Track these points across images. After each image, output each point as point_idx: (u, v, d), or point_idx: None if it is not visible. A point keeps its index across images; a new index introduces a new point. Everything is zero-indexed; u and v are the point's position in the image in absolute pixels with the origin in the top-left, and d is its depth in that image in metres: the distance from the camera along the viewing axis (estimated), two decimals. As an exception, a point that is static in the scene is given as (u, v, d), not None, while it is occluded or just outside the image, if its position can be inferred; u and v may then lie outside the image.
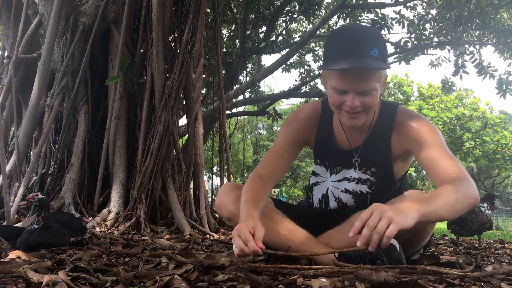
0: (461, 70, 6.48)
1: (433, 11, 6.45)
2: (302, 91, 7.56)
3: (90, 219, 2.87)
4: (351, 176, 1.61)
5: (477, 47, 6.48)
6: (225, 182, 4.76)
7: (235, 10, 6.59)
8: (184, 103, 3.86)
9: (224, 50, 6.78)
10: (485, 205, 2.41)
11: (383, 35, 6.01)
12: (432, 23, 6.38)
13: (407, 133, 1.49)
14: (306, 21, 7.54)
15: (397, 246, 1.34)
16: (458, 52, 6.59)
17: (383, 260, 1.30)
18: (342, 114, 1.44)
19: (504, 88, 6.53)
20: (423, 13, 6.60)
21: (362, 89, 1.36)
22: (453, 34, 6.24)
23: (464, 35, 6.38)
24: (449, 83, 7.50)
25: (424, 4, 6.54)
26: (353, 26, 2.19)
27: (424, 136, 1.45)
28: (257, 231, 1.27)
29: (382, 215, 1.13)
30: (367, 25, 5.01)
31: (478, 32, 6.41)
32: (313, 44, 8.24)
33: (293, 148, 1.64)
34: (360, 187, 1.60)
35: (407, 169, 1.70)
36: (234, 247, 1.27)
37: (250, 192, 1.47)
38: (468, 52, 6.56)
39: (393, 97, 13.88)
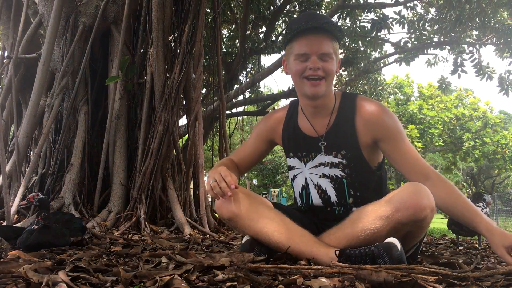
0: (459, 69, 6.48)
1: (433, 10, 6.44)
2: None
3: (90, 219, 2.87)
4: (325, 161, 1.65)
5: (477, 46, 6.48)
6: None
7: (235, 10, 6.58)
8: (184, 103, 3.86)
9: (224, 50, 6.79)
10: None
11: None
12: (432, 23, 6.38)
13: (372, 121, 1.59)
14: (306, 21, 7.53)
15: (398, 246, 1.34)
16: (456, 51, 6.58)
17: (384, 259, 1.30)
18: (305, 84, 1.57)
19: (506, 87, 6.53)
20: (423, 13, 6.60)
21: (321, 51, 1.52)
22: (452, 34, 6.23)
23: (463, 35, 6.37)
24: (446, 83, 7.50)
25: (423, 3, 6.54)
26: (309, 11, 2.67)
27: (393, 128, 1.58)
28: (232, 175, 1.50)
29: None
30: None
31: (477, 32, 6.41)
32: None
33: (258, 143, 1.84)
34: (334, 171, 1.63)
35: (381, 159, 1.72)
36: (211, 181, 1.49)
37: (222, 161, 1.82)
38: (467, 51, 6.56)
39: (392, 97, 13.87)
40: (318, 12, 1.61)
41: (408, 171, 1.58)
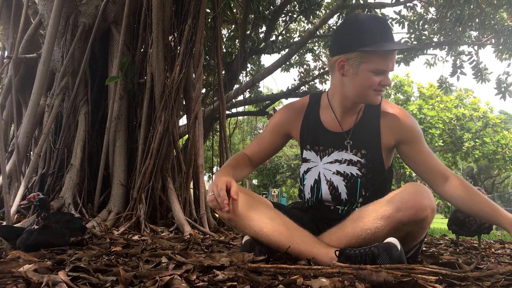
0: (458, 70, 6.47)
1: (432, 10, 6.44)
2: (301, 91, 7.56)
3: (90, 219, 2.87)
4: (342, 158, 1.65)
5: (476, 48, 6.47)
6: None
7: (235, 10, 6.59)
8: (184, 103, 3.86)
9: (224, 50, 6.78)
10: None
11: None
12: (432, 23, 6.37)
13: (397, 123, 1.62)
14: (306, 21, 7.54)
15: (398, 246, 1.34)
16: (456, 52, 6.57)
17: (384, 259, 1.30)
18: (370, 94, 1.56)
19: (503, 89, 6.51)
20: (423, 13, 6.59)
21: (393, 68, 1.55)
22: (452, 34, 6.23)
23: (463, 36, 6.37)
24: (447, 83, 7.49)
25: (423, 3, 6.53)
26: (371, 14, 2.66)
27: (414, 131, 1.63)
28: (233, 185, 1.48)
29: None
30: None
31: (477, 32, 6.40)
32: (312, 45, 8.24)
33: (274, 136, 1.80)
34: (351, 169, 1.63)
35: (391, 162, 1.74)
36: (210, 194, 1.49)
37: (231, 160, 1.74)
38: (466, 52, 6.56)
39: (392, 96, 13.88)
40: (384, 19, 1.59)
41: (428, 172, 1.62)
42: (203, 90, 6.37)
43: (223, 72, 5.52)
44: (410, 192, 1.39)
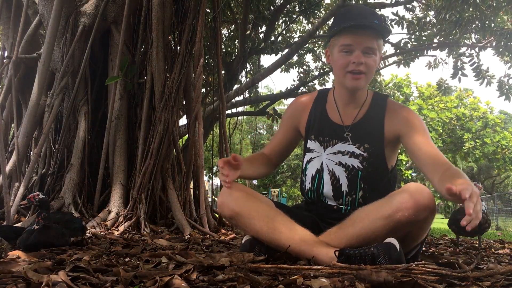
0: (459, 72, 6.46)
1: (431, 13, 6.43)
2: (301, 91, 7.56)
3: (90, 219, 2.87)
4: (345, 150, 1.69)
5: (476, 49, 6.46)
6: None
7: (235, 10, 6.58)
8: (184, 103, 3.86)
9: (224, 50, 6.78)
10: None
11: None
12: (431, 25, 6.37)
13: (399, 119, 1.65)
14: (306, 21, 7.54)
15: (397, 246, 1.34)
16: (456, 54, 6.56)
17: (383, 259, 1.30)
18: (346, 78, 1.62)
19: (505, 91, 6.50)
20: (421, 15, 6.59)
21: (367, 45, 1.57)
22: (451, 37, 6.23)
23: (463, 38, 6.36)
24: (445, 85, 7.48)
25: (422, 6, 6.53)
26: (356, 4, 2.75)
27: (415, 124, 1.64)
28: (232, 170, 1.56)
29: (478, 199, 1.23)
30: None
31: (477, 35, 6.40)
32: (312, 45, 8.24)
33: (285, 131, 1.88)
34: (353, 161, 1.67)
35: (395, 161, 1.77)
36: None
37: (247, 157, 1.83)
38: (467, 54, 6.55)
39: (392, 97, 13.87)
40: (364, 7, 1.68)
41: (429, 165, 1.55)
42: (203, 90, 6.36)
43: (223, 72, 5.52)
44: (410, 192, 1.39)
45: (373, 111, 1.71)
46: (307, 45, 7.66)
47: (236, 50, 6.89)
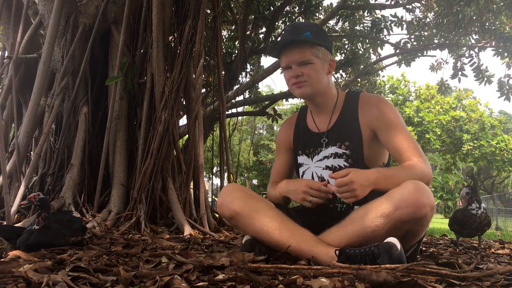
0: (459, 73, 6.45)
1: (431, 15, 6.43)
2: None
3: (90, 219, 2.87)
4: (329, 153, 1.75)
5: (476, 50, 6.45)
6: (225, 182, 4.75)
7: (235, 11, 6.58)
8: (184, 103, 3.86)
9: (224, 50, 6.78)
10: (474, 206, 2.41)
11: (324, 29, 6.08)
12: (431, 26, 6.37)
13: (372, 113, 1.69)
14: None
15: (398, 246, 1.35)
16: (456, 54, 6.56)
17: (384, 259, 1.31)
18: (293, 89, 1.74)
19: (506, 92, 6.50)
20: (421, 17, 6.58)
21: (299, 60, 1.68)
22: (451, 36, 6.22)
23: (462, 39, 6.36)
24: (446, 85, 7.46)
25: (422, 8, 6.52)
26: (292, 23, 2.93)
27: (388, 118, 1.67)
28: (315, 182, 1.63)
29: (350, 187, 1.46)
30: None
31: (477, 36, 6.40)
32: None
33: (282, 154, 1.96)
34: (338, 162, 1.72)
35: (388, 158, 1.78)
36: (309, 199, 1.60)
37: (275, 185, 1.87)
38: (467, 55, 6.54)
39: (391, 96, 13.84)
40: (302, 22, 1.94)
41: (397, 161, 1.65)
42: (203, 90, 6.36)
43: (223, 72, 5.52)
44: (409, 190, 1.40)
45: (346, 111, 1.76)
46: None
47: (236, 51, 6.89)
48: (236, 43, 6.97)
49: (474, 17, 5.63)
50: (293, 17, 7.09)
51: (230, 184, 1.72)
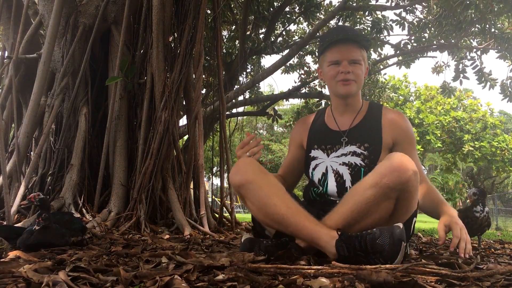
0: (461, 75, 6.44)
1: (431, 16, 6.43)
2: (302, 92, 7.56)
3: (90, 219, 2.87)
4: (347, 151, 1.82)
5: (478, 53, 6.44)
6: (225, 183, 4.75)
7: (235, 11, 6.59)
8: (184, 103, 3.86)
9: (224, 50, 6.78)
10: (478, 208, 2.41)
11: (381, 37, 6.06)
12: (431, 27, 6.36)
13: (396, 124, 1.81)
14: (306, 23, 7.54)
15: (400, 225, 1.42)
16: (458, 57, 6.55)
17: (384, 238, 1.36)
18: (337, 86, 1.80)
19: (508, 94, 6.49)
20: (422, 18, 6.57)
21: (352, 57, 1.75)
22: (449, 38, 6.22)
23: (463, 40, 6.35)
24: (449, 88, 7.42)
25: (423, 10, 6.52)
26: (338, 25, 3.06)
27: (409, 135, 1.82)
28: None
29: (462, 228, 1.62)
30: None
31: (478, 38, 6.39)
32: (313, 46, 8.23)
33: (293, 150, 2.02)
34: (355, 159, 1.79)
35: None
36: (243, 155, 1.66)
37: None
38: (469, 57, 6.53)
39: (393, 96, 13.82)
40: (346, 26, 2.02)
41: None
42: (203, 91, 6.36)
43: (223, 72, 5.52)
44: (392, 158, 1.50)
45: (369, 116, 1.86)
46: (307, 47, 7.66)
47: (236, 51, 6.89)
48: (236, 43, 6.97)
49: (475, 19, 5.63)
50: (293, 17, 7.09)
51: (246, 157, 1.71)
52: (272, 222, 1.58)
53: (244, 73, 7.57)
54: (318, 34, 6.64)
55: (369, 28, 6.20)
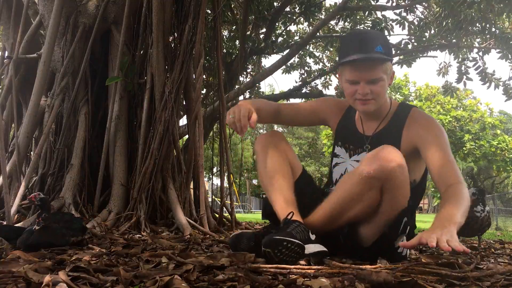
0: (464, 77, 6.42)
1: (432, 16, 6.43)
2: (303, 92, 7.56)
3: (90, 219, 2.87)
4: None
5: (480, 53, 6.43)
6: (225, 183, 4.76)
7: (235, 11, 6.59)
8: (184, 103, 3.86)
9: (224, 50, 6.78)
10: (479, 208, 2.40)
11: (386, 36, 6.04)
12: (431, 27, 6.36)
13: (417, 130, 1.68)
14: (306, 23, 7.54)
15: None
16: (460, 58, 6.54)
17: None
18: (355, 103, 1.71)
19: (511, 94, 6.47)
20: (422, 17, 6.57)
21: (370, 78, 1.63)
22: (449, 38, 6.21)
23: (464, 39, 6.35)
24: (452, 88, 7.39)
25: (424, 10, 6.51)
26: (361, 29, 3.00)
27: (433, 136, 1.64)
28: (253, 115, 1.58)
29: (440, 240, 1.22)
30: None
31: (478, 38, 6.38)
32: (313, 46, 8.23)
33: (309, 110, 1.94)
34: None
35: (421, 176, 1.78)
36: (230, 116, 1.58)
37: (260, 100, 1.90)
38: (471, 58, 6.52)
39: (393, 97, 13.86)
40: (369, 30, 1.90)
41: (437, 182, 1.58)
42: (203, 91, 6.36)
43: (223, 72, 5.52)
44: (377, 150, 1.52)
45: (393, 122, 1.77)
46: (308, 47, 7.65)
47: (236, 51, 6.89)
48: (236, 43, 6.97)
49: (476, 18, 5.62)
50: (293, 17, 7.09)
51: (273, 130, 1.84)
52: (265, 187, 1.73)
53: (244, 73, 7.56)
54: (318, 34, 6.65)
55: (369, 28, 6.20)
